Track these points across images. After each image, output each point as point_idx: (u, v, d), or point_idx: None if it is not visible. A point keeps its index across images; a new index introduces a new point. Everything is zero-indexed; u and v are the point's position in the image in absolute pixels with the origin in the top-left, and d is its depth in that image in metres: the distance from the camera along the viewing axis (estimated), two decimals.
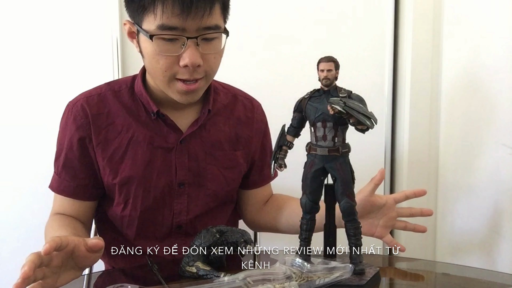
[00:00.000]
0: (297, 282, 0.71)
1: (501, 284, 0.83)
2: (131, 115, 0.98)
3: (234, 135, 1.05)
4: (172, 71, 0.87)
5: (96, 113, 0.97)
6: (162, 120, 0.98)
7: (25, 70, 1.41)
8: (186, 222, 1.02)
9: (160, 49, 0.85)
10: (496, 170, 1.17)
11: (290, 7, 1.50)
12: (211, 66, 0.90)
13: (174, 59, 0.86)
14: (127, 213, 1.00)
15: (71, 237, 0.74)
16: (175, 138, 0.99)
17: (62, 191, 1.00)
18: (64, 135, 0.99)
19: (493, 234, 1.18)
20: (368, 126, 0.72)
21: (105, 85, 1.02)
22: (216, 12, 0.86)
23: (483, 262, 1.21)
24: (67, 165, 0.99)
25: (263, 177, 1.13)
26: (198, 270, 0.79)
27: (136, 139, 0.98)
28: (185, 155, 1.00)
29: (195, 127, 1.00)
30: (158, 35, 0.84)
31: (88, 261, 0.77)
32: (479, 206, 1.25)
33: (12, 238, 1.44)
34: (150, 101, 0.97)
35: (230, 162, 1.04)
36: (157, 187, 0.99)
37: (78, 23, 1.41)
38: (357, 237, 0.78)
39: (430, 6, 1.46)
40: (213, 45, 0.88)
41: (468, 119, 1.29)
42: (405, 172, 1.54)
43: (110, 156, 0.97)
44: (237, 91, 1.11)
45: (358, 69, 1.52)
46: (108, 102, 0.99)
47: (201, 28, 0.84)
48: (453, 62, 1.38)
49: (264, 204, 1.14)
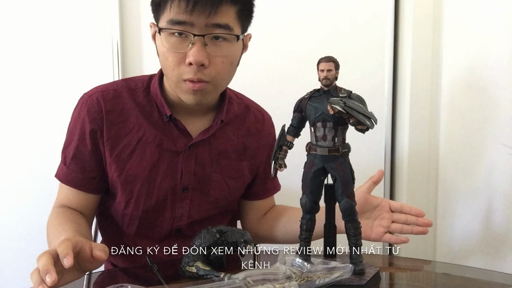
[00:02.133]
0: (297, 282, 0.71)
1: (501, 284, 0.83)
2: (144, 115, 0.98)
3: (242, 146, 1.05)
4: (179, 70, 0.88)
5: (110, 109, 0.97)
6: (174, 124, 0.98)
7: (26, 72, 1.41)
8: (185, 226, 1.02)
9: (169, 45, 0.87)
10: (496, 170, 1.17)
11: (290, 7, 1.50)
12: (218, 70, 0.89)
13: (181, 57, 0.87)
14: (129, 211, 1.00)
15: (79, 238, 0.75)
16: (184, 143, 0.99)
17: (69, 182, 1.00)
18: (76, 125, 0.99)
19: (493, 234, 1.18)
20: (368, 126, 0.72)
21: (122, 81, 1.02)
22: (228, 11, 0.86)
23: (483, 262, 1.21)
24: (77, 156, 0.98)
25: (266, 190, 1.13)
26: (198, 270, 0.79)
27: (145, 139, 0.98)
28: (192, 160, 1.00)
29: (206, 135, 1.00)
30: (167, 29, 0.86)
31: (91, 265, 0.76)
32: (479, 206, 1.25)
33: (12, 237, 1.44)
34: (164, 104, 0.97)
35: (235, 172, 1.04)
36: (161, 189, 0.99)
37: (79, 25, 1.41)
38: (357, 237, 0.78)
39: (430, 6, 1.46)
40: (222, 47, 0.88)
41: (468, 119, 1.29)
42: (405, 172, 1.54)
43: (118, 153, 0.97)
44: (250, 102, 1.11)
45: (358, 69, 1.52)
46: (123, 99, 0.99)
47: (209, 24, 0.85)
48: (453, 62, 1.38)
49: (264, 214, 1.14)
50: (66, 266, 0.67)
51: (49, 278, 0.65)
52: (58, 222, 0.94)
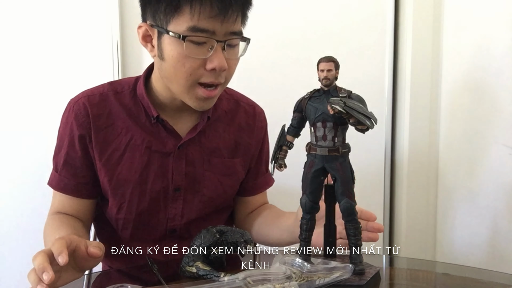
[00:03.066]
0: (297, 282, 0.71)
1: (501, 284, 0.82)
2: (131, 117, 0.98)
3: (233, 143, 1.05)
4: (196, 75, 0.87)
5: (97, 113, 0.97)
6: (162, 125, 0.98)
7: (26, 72, 1.41)
8: (180, 227, 1.02)
9: (189, 52, 0.85)
10: (496, 170, 1.17)
11: (290, 7, 1.50)
12: (230, 73, 0.91)
13: (200, 63, 0.86)
14: (122, 216, 1.00)
15: (73, 236, 0.74)
16: (174, 144, 0.98)
17: (62, 189, 0.99)
18: (65, 132, 0.99)
19: (493, 234, 1.18)
20: (368, 126, 0.72)
21: (108, 84, 1.02)
22: (239, 18, 0.87)
23: (483, 262, 1.21)
24: (68, 162, 0.98)
25: (256, 186, 1.12)
26: (198, 270, 0.79)
27: (134, 142, 0.97)
28: (183, 161, 0.99)
29: (194, 133, 0.99)
30: (190, 36, 0.84)
31: (87, 264, 0.76)
32: (479, 206, 1.25)
33: (11, 237, 1.44)
34: (150, 105, 0.97)
35: (228, 170, 1.04)
36: (153, 191, 0.99)
37: (79, 25, 1.41)
38: (357, 237, 0.78)
39: (430, 6, 1.46)
40: (235, 51, 0.90)
41: (468, 119, 1.29)
42: (405, 172, 1.54)
43: (108, 157, 0.97)
44: (240, 96, 1.10)
45: (358, 69, 1.52)
46: (109, 102, 0.98)
47: (228, 32, 0.86)
48: (453, 62, 1.38)
49: (251, 212, 1.13)
50: (61, 263, 0.67)
51: (46, 276, 0.65)
52: (55, 226, 0.94)
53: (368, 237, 0.86)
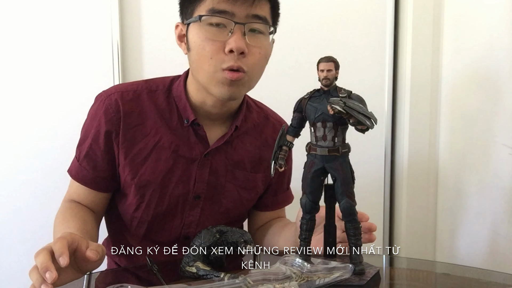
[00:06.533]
0: (297, 282, 0.71)
1: (501, 284, 0.82)
2: (162, 118, 0.97)
3: (258, 157, 1.04)
4: (218, 59, 0.87)
5: (129, 111, 0.96)
6: (193, 130, 0.97)
7: (26, 72, 1.41)
8: (194, 234, 1.01)
9: (208, 34, 0.86)
10: (496, 170, 1.17)
11: (290, 7, 1.50)
12: (255, 61, 0.89)
13: (220, 46, 0.86)
14: (139, 215, 0.99)
15: (75, 236, 0.74)
16: (200, 150, 0.97)
17: (80, 179, 0.99)
18: (92, 124, 0.97)
19: (493, 234, 1.18)
20: (368, 126, 0.72)
21: (143, 82, 1.00)
22: (265, 5, 0.88)
23: (483, 262, 1.21)
24: (89, 154, 0.97)
25: (276, 202, 1.12)
26: (198, 270, 0.79)
27: (162, 145, 0.96)
28: (207, 169, 0.98)
29: (221, 142, 0.98)
30: (207, 15, 0.85)
31: (87, 265, 0.75)
32: (479, 206, 1.25)
33: (12, 237, 1.44)
34: (188, 108, 0.95)
35: (249, 183, 1.03)
36: (173, 196, 0.98)
37: (79, 25, 1.42)
38: (357, 237, 0.78)
39: (430, 6, 1.47)
40: (259, 39, 0.89)
41: (468, 119, 1.29)
42: (405, 172, 1.54)
43: (133, 156, 0.96)
44: (270, 112, 1.10)
45: (358, 69, 1.53)
46: (142, 101, 0.97)
47: (250, 15, 0.86)
48: (453, 62, 1.38)
49: (264, 224, 1.12)
50: (62, 265, 0.67)
51: (49, 275, 0.65)
52: (65, 218, 0.93)
53: (365, 238, 0.86)
